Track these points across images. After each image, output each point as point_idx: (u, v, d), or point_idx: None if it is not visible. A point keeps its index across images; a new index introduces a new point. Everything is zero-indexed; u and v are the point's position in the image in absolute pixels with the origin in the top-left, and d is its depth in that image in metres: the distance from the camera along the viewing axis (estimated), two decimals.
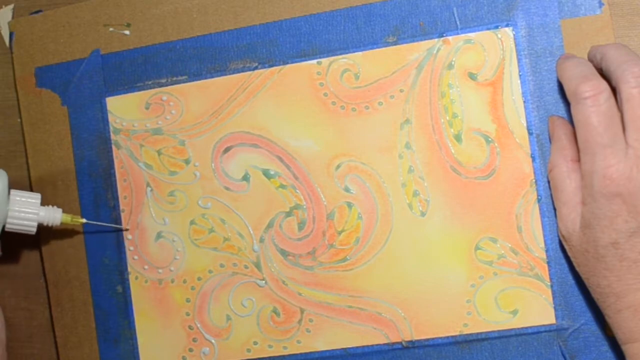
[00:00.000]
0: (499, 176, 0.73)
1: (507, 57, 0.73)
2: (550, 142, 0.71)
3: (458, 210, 0.73)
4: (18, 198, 0.75)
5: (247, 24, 0.77)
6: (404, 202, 0.74)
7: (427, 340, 0.74)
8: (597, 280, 0.65)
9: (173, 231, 0.78)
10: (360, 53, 0.75)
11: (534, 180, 0.72)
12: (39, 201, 0.76)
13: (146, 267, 0.79)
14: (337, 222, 0.75)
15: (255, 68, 0.77)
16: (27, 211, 0.75)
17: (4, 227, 0.75)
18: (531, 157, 0.72)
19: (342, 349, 0.76)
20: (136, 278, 0.79)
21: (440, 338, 0.74)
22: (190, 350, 0.78)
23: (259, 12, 0.77)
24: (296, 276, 0.76)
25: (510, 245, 0.73)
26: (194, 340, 0.78)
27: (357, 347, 0.75)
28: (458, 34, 0.73)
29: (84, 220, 0.78)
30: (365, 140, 0.75)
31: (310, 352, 0.76)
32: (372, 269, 0.75)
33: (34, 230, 0.76)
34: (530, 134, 0.72)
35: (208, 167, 0.78)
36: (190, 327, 0.78)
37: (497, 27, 0.73)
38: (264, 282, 0.77)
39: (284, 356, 0.77)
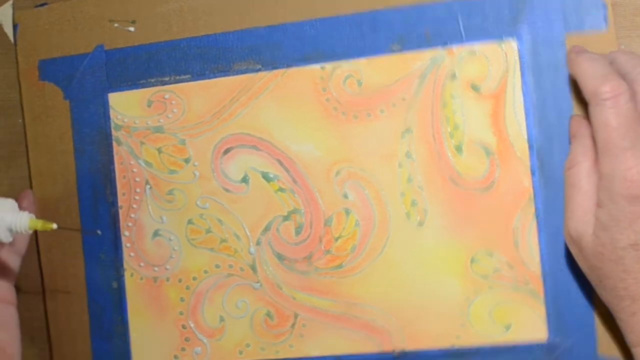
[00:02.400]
0: (498, 189, 0.72)
1: (510, 69, 0.72)
2: (569, 142, 0.69)
3: (455, 222, 0.73)
4: None
5: (252, 25, 0.77)
6: (402, 211, 0.74)
7: (419, 351, 0.74)
8: (614, 283, 0.64)
9: (170, 230, 0.78)
10: (364, 59, 0.75)
11: (532, 195, 0.72)
12: (9, 206, 0.71)
13: (142, 264, 0.79)
14: (335, 228, 0.75)
15: (259, 70, 0.77)
16: None
17: None
18: (531, 171, 0.72)
19: (335, 355, 0.76)
20: (132, 275, 0.79)
21: (432, 350, 0.74)
22: (183, 349, 0.78)
23: (265, 14, 0.77)
24: (291, 280, 0.76)
25: (506, 259, 0.72)
26: (187, 339, 0.78)
27: (350, 354, 0.75)
28: (462, 44, 0.73)
29: (55, 226, 0.72)
30: (365, 148, 0.75)
31: (303, 357, 0.76)
32: (367, 276, 0.75)
33: (7, 237, 0.71)
34: (531, 147, 0.72)
35: (208, 167, 0.78)
36: (183, 327, 0.78)
37: (501, 39, 0.73)
38: (259, 284, 0.77)
39: None
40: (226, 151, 0.77)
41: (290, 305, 0.76)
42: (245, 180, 0.77)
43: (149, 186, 0.79)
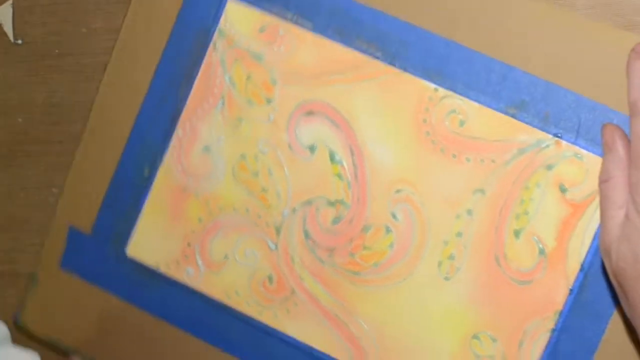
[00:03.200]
0: (532, 289, 0.72)
1: None
2: (603, 150, 0.69)
3: (477, 295, 0.73)
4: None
5: (394, 14, 0.75)
6: (437, 257, 0.74)
7: None
8: (635, 301, 0.63)
9: (221, 153, 0.78)
10: (477, 104, 0.73)
11: (559, 312, 0.72)
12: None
13: (180, 167, 0.79)
14: (369, 238, 0.75)
15: (378, 58, 0.75)
16: None
17: None
18: (570, 290, 0.72)
19: (308, 345, 0.77)
20: (166, 172, 0.79)
21: None
22: (178, 262, 0.79)
23: (413, 10, 0.74)
24: (307, 260, 0.77)
25: (504, 351, 0.73)
26: (186, 256, 0.79)
27: (322, 352, 0.76)
28: (573, 143, 0.72)
29: None
30: (435, 184, 0.74)
31: (279, 330, 0.77)
32: (374, 295, 0.75)
33: None
34: (581, 270, 0.71)
35: (285, 117, 0.77)
36: (189, 244, 0.79)
37: None
38: (275, 247, 0.77)
39: (254, 319, 0.78)
40: (309, 113, 0.76)
41: (294, 280, 0.77)
42: (312, 148, 0.76)
43: (222, 102, 0.78)
